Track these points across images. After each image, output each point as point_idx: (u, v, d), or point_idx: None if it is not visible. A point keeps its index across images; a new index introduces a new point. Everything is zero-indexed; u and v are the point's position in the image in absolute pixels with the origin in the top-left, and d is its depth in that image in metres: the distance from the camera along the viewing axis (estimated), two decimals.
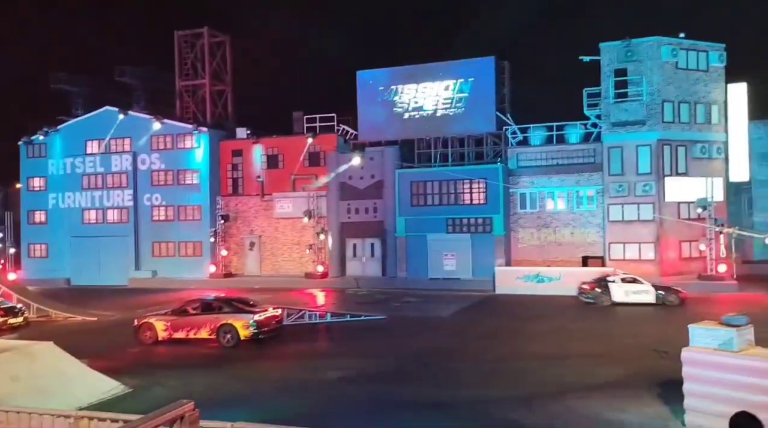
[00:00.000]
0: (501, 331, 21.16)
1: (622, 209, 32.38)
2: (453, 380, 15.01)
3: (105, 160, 41.46)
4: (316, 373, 15.98)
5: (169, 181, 40.48)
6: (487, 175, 33.66)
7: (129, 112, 40.79)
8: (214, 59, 43.81)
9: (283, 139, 39.21)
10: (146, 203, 40.97)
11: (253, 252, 39.42)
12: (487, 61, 35.22)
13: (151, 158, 40.78)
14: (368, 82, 37.43)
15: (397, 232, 35.15)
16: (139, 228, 40.98)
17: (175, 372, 16.46)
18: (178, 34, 43.57)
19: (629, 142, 32.27)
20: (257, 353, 18.53)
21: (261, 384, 15.25)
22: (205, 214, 39.68)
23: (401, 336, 20.76)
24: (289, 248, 38.55)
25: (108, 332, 22.66)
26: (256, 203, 39.29)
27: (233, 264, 39.61)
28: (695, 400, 10.91)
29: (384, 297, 29.80)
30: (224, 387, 14.95)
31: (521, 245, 34.38)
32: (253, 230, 39.44)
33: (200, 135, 39.62)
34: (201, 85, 43.55)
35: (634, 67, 32.31)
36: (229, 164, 40.16)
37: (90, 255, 40.73)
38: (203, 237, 39.40)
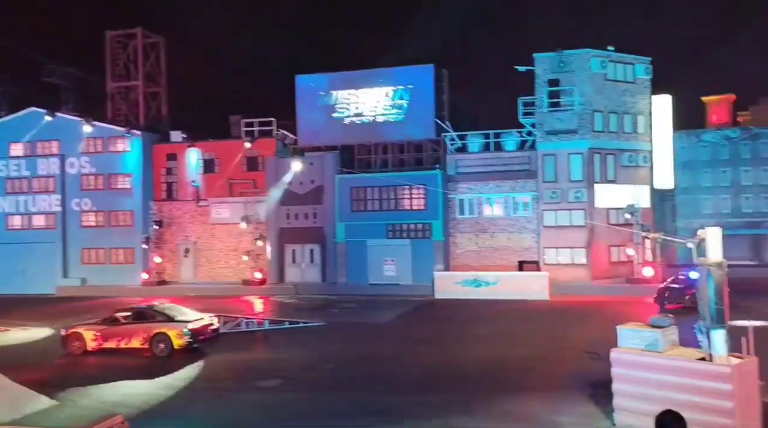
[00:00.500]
0: (440, 336, 21.40)
1: (556, 215, 33.39)
2: (393, 386, 15.06)
3: (30, 163, 39.55)
4: (252, 382, 15.71)
5: (100, 186, 38.99)
6: (427, 181, 34.06)
7: (57, 114, 39.04)
8: (148, 60, 42.55)
9: (220, 143, 38.46)
10: (75, 208, 39.31)
11: (187, 258, 38.42)
12: (426, 68, 35.66)
13: (80, 161, 39.19)
14: (307, 87, 37.20)
15: (337, 238, 35.05)
16: (68, 234, 39.27)
17: (106, 383, 15.83)
18: (110, 34, 42.07)
19: (562, 150, 33.34)
20: (192, 362, 18.04)
21: (195, 394, 14.86)
22: (138, 219, 38.41)
23: (340, 343, 20.69)
24: (225, 255, 37.77)
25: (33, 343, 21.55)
26: (192, 208, 38.34)
27: (167, 271, 38.47)
28: (624, 399, 11.34)
29: (323, 304, 29.64)
30: (157, 398, 14.49)
31: (460, 250, 34.91)
32: (188, 236, 38.46)
33: (133, 138, 38.37)
34: (134, 87, 42.20)
35: (567, 77, 33.44)
36: (163, 168, 39.04)
37: (14, 262, 38.65)
38: (135, 243, 38.11)
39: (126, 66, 42.20)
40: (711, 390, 10.24)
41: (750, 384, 10.47)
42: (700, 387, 10.34)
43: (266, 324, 23.23)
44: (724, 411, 10.06)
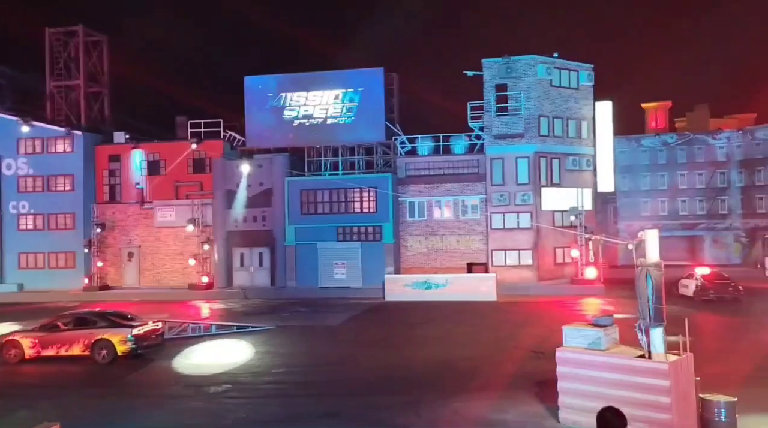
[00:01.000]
0: (390, 338, 21.48)
1: (504, 217, 34.04)
2: (342, 389, 15.03)
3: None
4: (199, 388, 15.41)
5: (39, 188, 37.57)
6: (377, 184, 34.17)
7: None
8: (90, 59, 41.23)
9: (166, 145, 37.60)
10: (12, 211, 37.73)
11: (131, 263, 37.37)
12: (376, 71, 35.81)
13: (18, 163, 37.67)
14: (256, 88, 36.79)
15: (287, 241, 34.76)
16: (4, 238, 37.65)
17: (44, 392, 15.24)
18: (50, 31, 40.57)
19: (509, 153, 34.02)
20: (135, 369, 17.56)
21: (138, 400, 14.46)
22: (79, 222, 37.16)
23: (290, 347, 20.53)
24: (171, 258, 36.92)
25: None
26: (136, 211, 37.34)
27: (110, 275, 37.34)
28: (568, 397, 11.64)
29: (273, 308, 29.31)
30: (99, 406, 14.04)
31: (410, 253, 35.16)
32: (132, 240, 37.42)
33: (74, 139, 37.10)
34: (75, 86, 40.82)
35: (513, 83, 34.16)
36: (106, 170, 37.90)
37: None
38: (77, 247, 36.84)
39: (66, 64, 40.78)
40: (650, 386, 10.63)
41: (686, 380, 10.92)
42: (640, 384, 10.73)
43: (213, 329, 22.81)
44: (662, 406, 10.46)
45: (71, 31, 40.58)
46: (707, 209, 44.81)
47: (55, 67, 40.59)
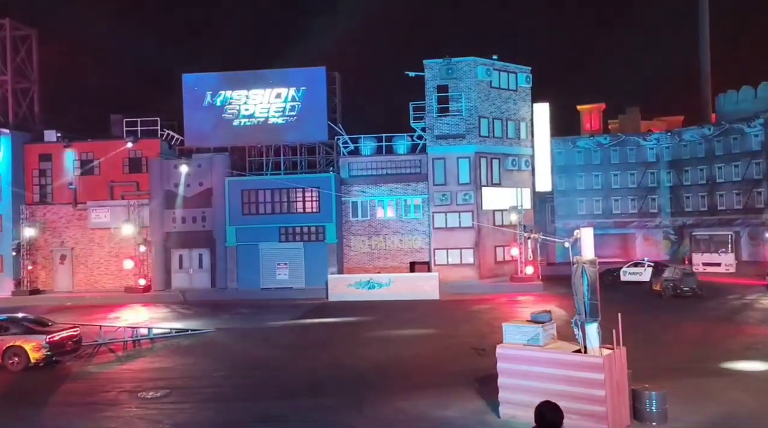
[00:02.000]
0: (332, 339, 21.41)
1: (446, 217, 34.47)
2: (284, 391, 14.87)
3: None
4: (135, 393, 14.93)
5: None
6: (320, 183, 34.00)
7: None
8: (18, 54, 39.35)
9: (100, 144, 36.29)
10: None
11: (64, 265, 35.88)
12: (319, 70, 35.62)
13: None
14: (195, 86, 35.97)
15: (228, 242, 34.13)
16: None
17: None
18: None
19: (451, 154, 34.48)
20: (65, 374, 16.86)
21: (73, 408, 13.88)
22: (7, 224, 35.39)
23: (231, 349, 20.17)
24: (106, 261, 35.65)
25: None
26: (68, 212, 35.87)
27: (41, 279, 35.74)
28: (508, 393, 11.89)
29: (213, 310, 28.72)
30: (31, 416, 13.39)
31: (353, 252, 35.14)
32: (64, 242, 35.92)
33: (0, 137, 35.30)
34: (2, 82, 38.86)
35: (455, 84, 34.65)
36: (36, 170, 36.28)
37: None
38: (4, 250, 35.08)
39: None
40: (585, 380, 10.98)
41: (620, 373, 11.34)
42: (576, 378, 11.07)
43: (150, 333, 22.16)
44: (597, 399, 10.82)
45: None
46: (639, 208, 46.66)
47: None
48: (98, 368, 17.88)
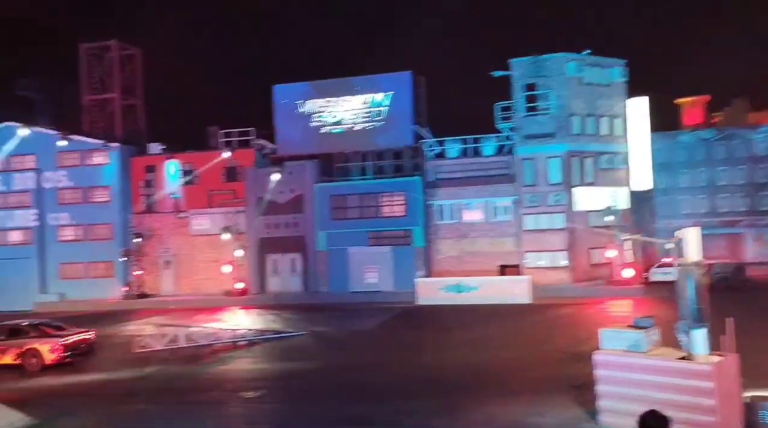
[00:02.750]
0: (422, 342, 21.34)
1: (536, 219, 33.62)
2: (374, 394, 14.96)
3: (6, 179, 38.93)
4: (235, 393, 15.52)
5: (78, 199, 38.51)
6: (406, 187, 34.11)
7: (32, 128, 38.47)
8: (124, 73, 42.19)
9: (199, 154, 38.19)
10: (52, 222, 38.75)
11: (168, 271, 38.01)
12: (404, 75, 35.80)
13: (57, 175, 38.67)
14: (285, 97, 37.13)
15: (318, 246, 34.92)
16: (45, 249, 38.66)
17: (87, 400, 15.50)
18: (84, 46, 41.66)
19: (540, 153, 33.61)
20: (172, 374, 17.79)
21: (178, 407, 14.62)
22: (117, 232, 37.96)
23: (322, 352, 20.56)
24: (206, 266, 37.41)
25: None
26: (171, 220, 37.98)
27: (147, 284, 38.03)
28: (608, 401, 11.37)
29: (306, 313, 29.43)
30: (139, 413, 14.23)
31: (441, 256, 34.96)
32: (168, 248, 38.06)
33: (110, 151, 37.94)
34: (110, 100, 41.83)
35: (543, 81, 33.76)
36: (142, 181, 38.68)
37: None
38: (115, 256, 37.63)
39: (102, 78, 41.83)
40: (693, 388, 10.31)
41: (731, 381, 10.57)
42: (682, 386, 10.41)
43: (248, 335, 22.99)
44: (706, 408, 10.14)
45: (105, 45, 41.59)
46: (749, 206, 43.52)
47: (91, 81, 41.64)
48: (202, 368, 18.75)
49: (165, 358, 19.78)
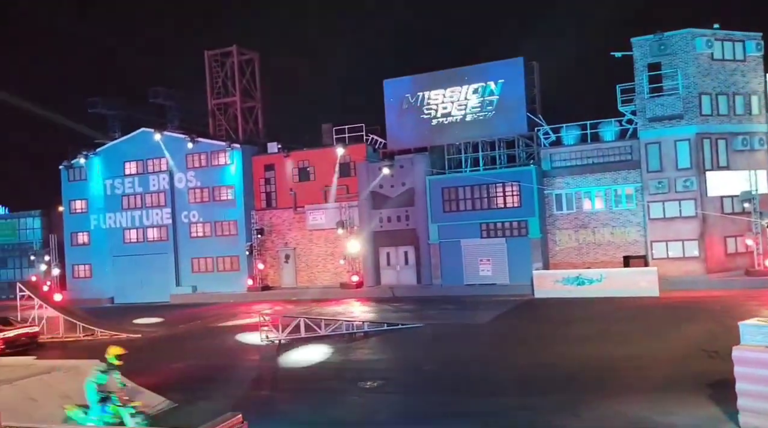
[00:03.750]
0: (541, 336, 20.74)
1: (663, 206, 31.59)
2: (492, 387, 14.73)
3: (143, 180, 42.37)
4: (354, 383, 15.89)
5: (205, 198, 41.13)
6: (521, 177, 33.27)
7: (164, 133, 41.63)
8: (244, 76, 44.44)
9: (314, 152, 39.47)
10: (184, 220, 41.66)
11: (288, 264, 39.69)
12: (516, 62, 34.89)
13: (187, 176, 41.50)
14: (395, 90, 37.42)
15: (431, 239, 34.95)
16: (178, 245, 41.67)
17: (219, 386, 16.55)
18: (208, 53, 44.33)
19: (667, 137, 31.52)
20: (296, 364, 18.53)
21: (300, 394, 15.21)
22: (241, 228, 40.15)
23: (438, 344, 20.55)
24: (323, 259, 38.69)
25: (152, 348, 23.00)
26: (290, 216, 39.59)
27: (270, 276, 39.93)
28: (750, 400, 10.46)
29: (420, 305, 29.60)
30: (263, 398, 14.96)
31: (559, 247, 33.82)
32: (287, 242, 39.74)
33: (233, 151, 40.18)
34: (232, 103, 44.22)
35: (668, 60, 31.59)
36: (262, 179, 40.61)
37: (132, 273, 41.58)
38: (240, 251, 39.85)
39: (224, 83, 44.30)
40: None
41: None
42: None
43: (365, 326, 23.49)
44: None
45: (226, 51, 44.01)
46: None
47: (215, 87, 44.25)
48: (321, 358, 19.40)
49: (286, 348, 20.66)
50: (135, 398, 13.21)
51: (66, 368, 15.45)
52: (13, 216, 50.57)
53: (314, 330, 22.31)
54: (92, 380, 11.57)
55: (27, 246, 46.14)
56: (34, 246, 45.90)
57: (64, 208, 44.88)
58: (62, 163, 44.14)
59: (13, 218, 50.52)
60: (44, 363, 16.60)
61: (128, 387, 13.04)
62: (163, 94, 45.86)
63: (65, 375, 14.84)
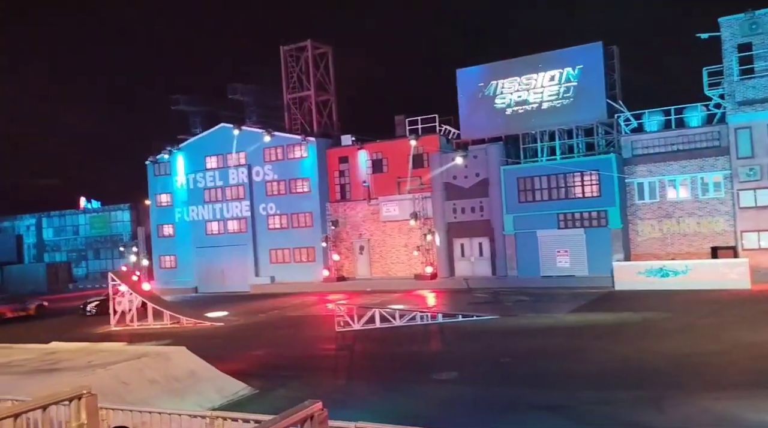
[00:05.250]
0: (623, 330, 20.08)
1: (755, 194, 29.79)
2: (572, 381, 14.41)
3: (223, 174, 43.93)
4: (428, 374, 15.94)
5: (282, 191, 42.20)
6: (600, 165, 32.19)
7: (242, 127, 42.94)
8: (318, 70, 45.15)
9: (387, 143, 39.66)
10: (262, 213, 42.93)
11: (362, 255, 40.17)
12: (595, 46, 33.69)
13: (264, 169, 42.71)
14: (468, 80, 36.98)
15: (505, 230, 34.44)
16: (257, 236, 43.01)
17: (297, 373, 17.02)
18: (284, 49, 45.30)
19: (759, 121, 29.65)
20: (368, 353, 18.78)
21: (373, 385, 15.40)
22: (317, 220, 40.96)
23: (515, 336, 20.28)
24: (397, 250, 38.90)
25: (233, 336, 23.92)
26: (364, 208, 40.02)
27: (345, 267, 40.56)
28: None
29: (495, 297, 29.29)
30: (350, 388, 15.26)
31: (641, 238, 32.55)
32: (361, 234, 40.20)
33: (308, 145, 40.97)
34: (307, 97, 45.04)
35: (760, 40, 29.65)
36: (337, 171, 41.23)
37: (214, 264, 43.29)
38: (315, 242, 40.68)
39: (299, 77, 45.19)
40: None
41: None
42: None
43: (439, 318, 23.49)
44: None
45: (301, 46, 44.84)
46: None
47: (290, 81, 45.23)
48: (395, 348, 19.56)
49: (362, 337, 20.97)
50: (218, 383, 13.75)
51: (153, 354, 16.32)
52: (105, 209, 53.65)
53: (389, 320, 22.52)
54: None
55: (117, 238, 48.90)
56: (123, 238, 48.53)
57: (150, 201, 47.21)
58: (148, 159, 46.41)
59: (105, 212, 53.61)
60: (135, 349, 17.61)
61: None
62: (241, 90, 47.29)
63: (153, 360, 15.66)
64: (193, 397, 14.22)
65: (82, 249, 53.18)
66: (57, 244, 54.74)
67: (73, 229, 54.22)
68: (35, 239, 55.76)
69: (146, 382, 14.44)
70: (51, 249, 54.93)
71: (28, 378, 14.23)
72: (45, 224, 55.71)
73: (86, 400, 8.28)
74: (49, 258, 53.79)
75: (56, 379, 13.87)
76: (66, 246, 54.02)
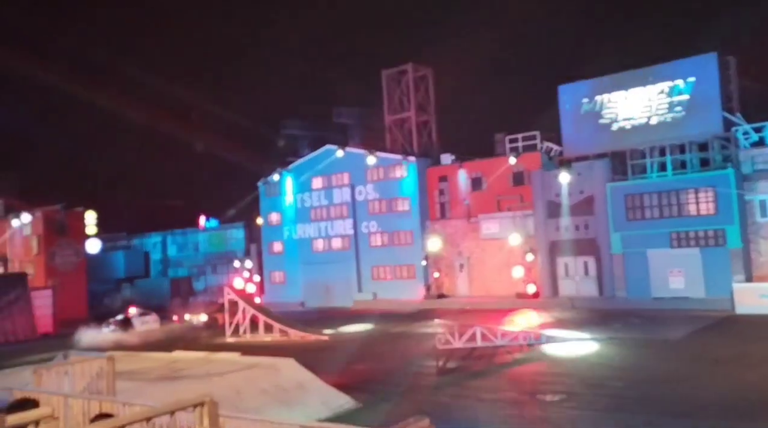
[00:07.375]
0: (746, 356, 18.78)
1: None
2: (687, 408, 13.70)
3: (328, 194, 45.45)
4: (532, 395, 15.71)
5: (383, 209, 43.01)
6: (716, 182, 30.37)
7: (346, 149, 44.34)
8: (419, 92, 45.86)
9: (486, 162, 39.49)
10: (364, 231, 43.92)
11: (462, 273, 40.03)
12: (709, 58, 32.00)
13: (366, 189, 43.76)
14: (570, 96, 36.20)
15: (613, 249, 33.15)
16: (360, 253, 44.00)
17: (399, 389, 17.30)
18: (385, 72, 46.44)
19: None
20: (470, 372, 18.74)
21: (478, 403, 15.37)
22: (417, 238, 41.36)
23: (625, 359, 19.51)
24: (497, 268, 38.38)
25: (338, 349, 24.62)
26: (463, 225, 39.94)
27: (445, 285, 40.56)
28: None
29: (603, 318, 28.21)
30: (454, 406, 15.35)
31: (763, 258, 30.24)
32: (461, 252, 40.11)
33: (409, 164, 41.60)
34: (407, 118, 45.80)
35: None
36: (436, 190, 41.51)
37: (319, 280, 44.71)
38: (416, 260, 41.03)
39: (400, 99, 46.10)
40: None
41: None
42: None
43: (543, 338, 22.99)
44: None
45: (402, 70, 45.79)
46: None
47: (391, 104, 46.23)
48: (498, 368, 19.40)
49: (464, 356, 20.95)
50: (324, 396, 14.22)
51: (264, 365, 17.20)
52: (222, 228, 56.93)
53: (490, 339, 22.35)
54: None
55: (232, 255, 51.59)
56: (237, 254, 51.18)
57: (262, 220, 49.55)
58: (260, 180, 48.90)
59: (221, 230, 56.90)
60: (247, 360, 18.62)
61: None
62: (346, 114, 48.87)
63: (264, 371, 16.52)
64: (301, 408, 14.84)
65: (201, 264, 56.70)
66: (179, 260, 58.68)
67: (194, 246, 57.98)
68: (161, 255, 60.12)
69: (258, 392, 15.26)
70: (174, 265, 59.00)
71: (153, 386, 15.47)
72: (169, 241, 60.00)
73: (208, 407, 8.97)
74: (172, 273, 57.75)
75: (178, 386, 14.99)
76: (187, 262, 57.79)
